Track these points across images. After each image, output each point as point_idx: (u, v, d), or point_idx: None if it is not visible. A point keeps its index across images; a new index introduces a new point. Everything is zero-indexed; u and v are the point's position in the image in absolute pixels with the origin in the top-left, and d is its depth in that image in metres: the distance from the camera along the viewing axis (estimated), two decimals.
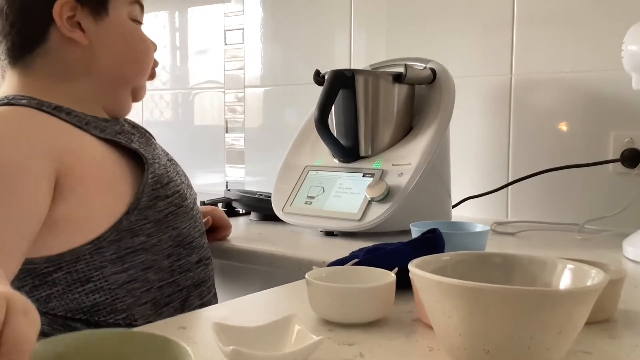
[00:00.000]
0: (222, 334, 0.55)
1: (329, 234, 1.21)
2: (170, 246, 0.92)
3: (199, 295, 0.97)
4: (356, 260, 0.78)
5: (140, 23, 1.00)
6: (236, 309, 0.74)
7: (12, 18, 0.91)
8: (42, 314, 0.85)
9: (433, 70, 1.27)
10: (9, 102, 0.86)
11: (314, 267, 0.75)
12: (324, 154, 1.29)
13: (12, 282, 0.74)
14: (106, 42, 0.94)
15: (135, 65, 0.99)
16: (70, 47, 0.92)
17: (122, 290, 0.87)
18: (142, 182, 0.89)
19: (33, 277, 0.83)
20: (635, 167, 1.27)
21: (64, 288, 0.84)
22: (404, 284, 0.73)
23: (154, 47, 1.02)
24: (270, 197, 1.31)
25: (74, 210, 0.83)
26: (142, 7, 1.00)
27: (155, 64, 1.03)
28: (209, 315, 0.71)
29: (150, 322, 0.78)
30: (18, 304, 0.44)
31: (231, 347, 0.51)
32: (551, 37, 1.37)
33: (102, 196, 0.86)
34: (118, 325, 0.88)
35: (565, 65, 1.36)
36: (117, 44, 0.95)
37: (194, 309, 0.94)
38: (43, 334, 0.79)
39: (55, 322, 0.86)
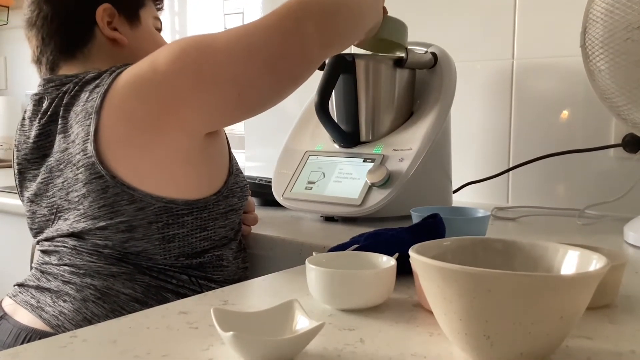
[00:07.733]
0: (222, 319, 0.55)
1: (329, 219, 1.21)
2: (239, 215, 1.03)
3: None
4: (356, 245, 0.78)
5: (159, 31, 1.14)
6: (236, 294, 0.74)
7: (57, 21, 1.02)
8: (147, 268, 0.93)
9: (434, 55, 1.26)
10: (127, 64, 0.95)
11: (314, 252, 0.75)
12: (324, 139, 1.28)
13: (149, 216, 0.90)
14: (142, 45, 1.07)
15: None
16: (114, 45, 1.05)
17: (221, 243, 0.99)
18: (230, 155, 1.02)
19: (169, 216, 0.92)
20: (636, 152, 1.26)
21: (188, 231, 0.94)
22: (404, 270, 0.73)
23: None
24: (270, 182, 1.31)
25: (216, 157, 0.96)
26: (161, 23, 1.15)
27: None
28: (208, 300, 0.71)
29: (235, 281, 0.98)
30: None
31: (231, 333, 0.50)
32: (554, 21, 1.36)
33: (225, 154, 0.99)
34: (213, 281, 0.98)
35: (567, 50, 1.35)
36: (151, 47, 1.05)
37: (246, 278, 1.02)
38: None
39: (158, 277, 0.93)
